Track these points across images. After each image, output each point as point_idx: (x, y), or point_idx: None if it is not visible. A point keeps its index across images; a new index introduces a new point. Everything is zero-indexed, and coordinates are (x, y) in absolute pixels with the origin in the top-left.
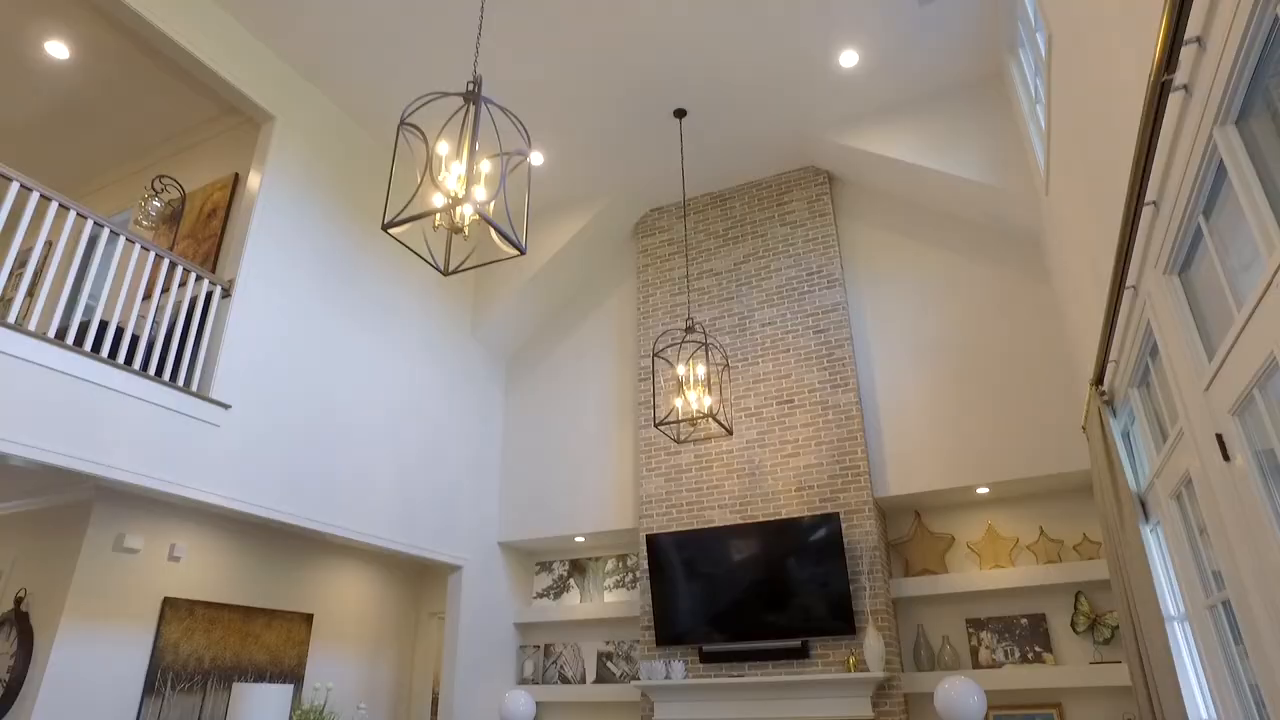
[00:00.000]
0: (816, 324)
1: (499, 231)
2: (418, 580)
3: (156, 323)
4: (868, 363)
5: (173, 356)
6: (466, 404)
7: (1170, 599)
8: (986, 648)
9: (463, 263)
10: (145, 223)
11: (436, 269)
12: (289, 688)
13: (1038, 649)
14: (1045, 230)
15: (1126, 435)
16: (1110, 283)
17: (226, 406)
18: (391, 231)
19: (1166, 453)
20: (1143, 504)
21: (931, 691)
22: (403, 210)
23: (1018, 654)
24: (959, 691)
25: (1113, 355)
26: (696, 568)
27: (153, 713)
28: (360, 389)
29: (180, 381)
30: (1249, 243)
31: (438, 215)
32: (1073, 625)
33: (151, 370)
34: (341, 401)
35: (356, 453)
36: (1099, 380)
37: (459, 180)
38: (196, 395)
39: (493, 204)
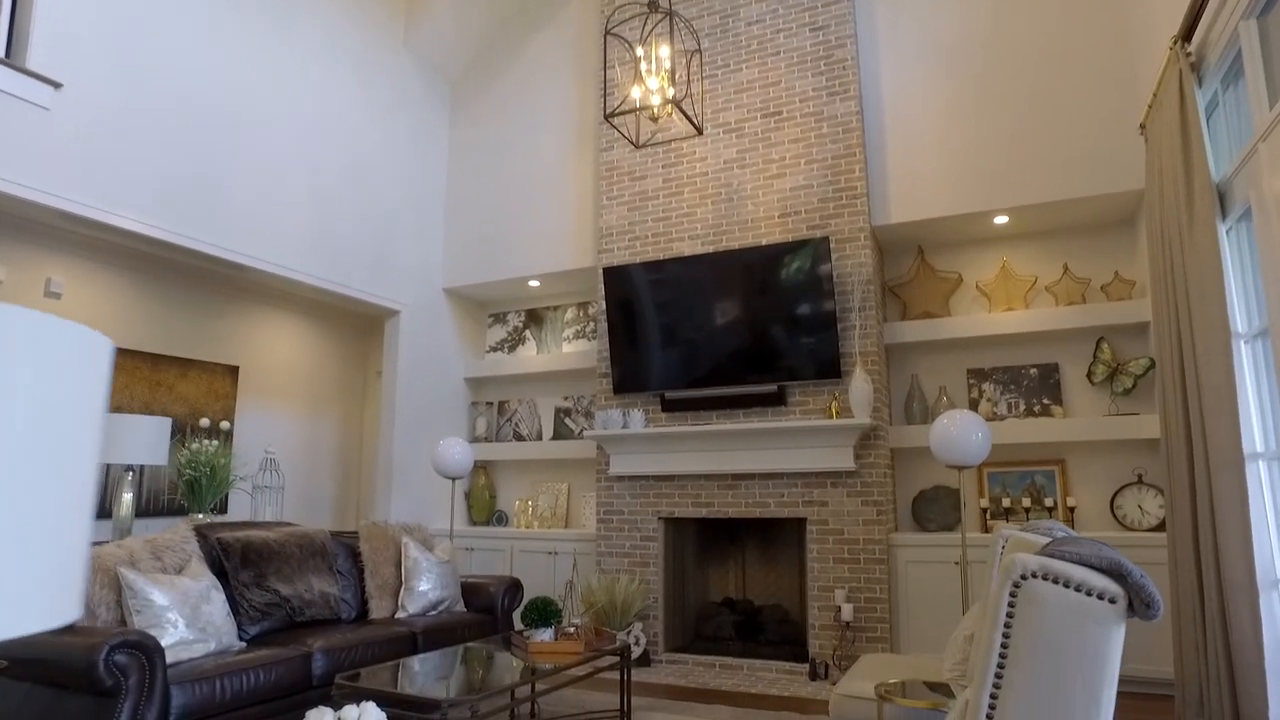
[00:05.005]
0: (814, 20)
1: None
2: (363, 336)
3: None
4: (873, 66)
5: None
6: (400, 128)
7: (1240, 314)
8: (988, 400)
9: None
10: None
11: None
12: (167, 420)
13: (1046, 401)
14: None
15: (1208, 118)
16: None
17: (56, 85)
18: None
19: None
20: (1220, 200)
21: (924, 446)
22: None
23: (1023, 407)
24: (960, 426)
25: None
26: (658, 303)
27: None
28: (255, 93)
29: None
30: None
31: None
32: (1089, 375)
33: None
34: (229, 105)
35: (255, 170)
36: (1187, 36)
37: None
38: (7, 64)
39: None
